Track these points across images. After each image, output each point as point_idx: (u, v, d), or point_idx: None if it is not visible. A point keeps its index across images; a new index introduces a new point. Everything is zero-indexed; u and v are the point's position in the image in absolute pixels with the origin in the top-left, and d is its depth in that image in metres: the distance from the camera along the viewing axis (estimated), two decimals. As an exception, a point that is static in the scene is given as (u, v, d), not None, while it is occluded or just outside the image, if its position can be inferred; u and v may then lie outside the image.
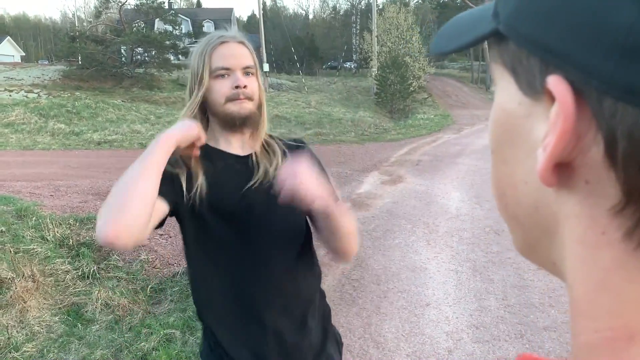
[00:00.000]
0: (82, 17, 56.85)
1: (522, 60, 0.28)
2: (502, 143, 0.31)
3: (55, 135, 14.72)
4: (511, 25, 0.28)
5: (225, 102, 1.31)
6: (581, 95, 0.24)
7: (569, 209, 0.27)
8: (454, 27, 0.35)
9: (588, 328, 0.27)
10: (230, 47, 1.34)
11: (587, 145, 0.24)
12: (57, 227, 4.53)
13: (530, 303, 3.72)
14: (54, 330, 3.30)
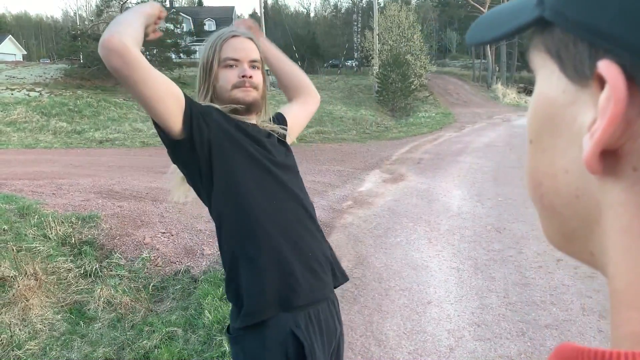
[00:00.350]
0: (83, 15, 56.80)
1: (569, 45, 0.27)
2: (542, 132, 0.31)
3: (57, 133, 14.75)
4: (558, 11, 0.27)
5: (232, 88, 1.45)
6: (633, 80, 0.24)
7: (614, 197, 0.26)
8: (493, 17, 0.35)
9: (633, 318, 0.27)
10: (241, 41, 1.48)
11: (637, 131, 0.24)
12: (59, 226, 4.54)
13: (531, 301, 3.72)
14: (56, 328, 3.31)
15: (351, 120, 19.86)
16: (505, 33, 0.32)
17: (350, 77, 34.93)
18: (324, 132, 16.34)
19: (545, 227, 0.34)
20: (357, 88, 29.81)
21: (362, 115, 21.51)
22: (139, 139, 14.04)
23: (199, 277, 4.02)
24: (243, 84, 1.45)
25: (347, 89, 29.33)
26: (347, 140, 14.92)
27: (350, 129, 17.66)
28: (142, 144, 13.51)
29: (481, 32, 0.34)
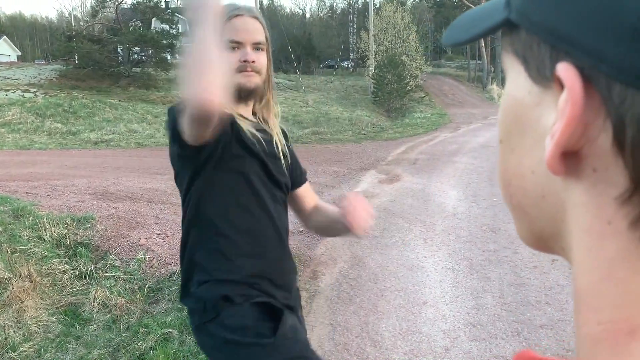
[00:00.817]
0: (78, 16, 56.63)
1: (533, 48, 0.28)
2: (511, 132, 0.31)
3: (52, 134, 14.70)
4: (523, 13, 0.28)
5: (234, 72, 1.37)
6: (590, 82, 0.24)
7: (576, 197, 0.27)
8: (467, 19, 0.35)
9: (591, 320, 0.27)
10: (244, 21, 1.37)
11: (595, 133, 0.24)
12: (54, 227, 4.52)
13: (527, 301, 3.73)
14: (51, 330, 3.30)
15: (347, 121, 19.88)
16: (477, 34, 0.32)
17: (346, 78, 34.96)
18: (319, 132, 16.34)
19: (517, 227, 0.35)
20: (353, 89, 29.84)
21: (358, 115, 21.53)
22: (134, 140, 14.00)
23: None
24: (245, 68, 1.37)
25: (343, 90, 29.35)
26: (343, 141, 14.92)
27: (346, 130, 17.67)
28: (138, 144, 13.48)
29: (457, 33, 0.35)
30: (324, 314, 3.60)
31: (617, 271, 0.25)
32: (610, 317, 0.26)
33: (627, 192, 0.24)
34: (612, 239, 0.25)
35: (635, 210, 0.24)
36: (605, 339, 0.26)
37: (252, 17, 1.39)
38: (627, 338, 0.25)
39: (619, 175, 0.24)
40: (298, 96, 25.37)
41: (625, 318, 0.25)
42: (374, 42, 29.53)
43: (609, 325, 0.26)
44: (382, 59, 26.48)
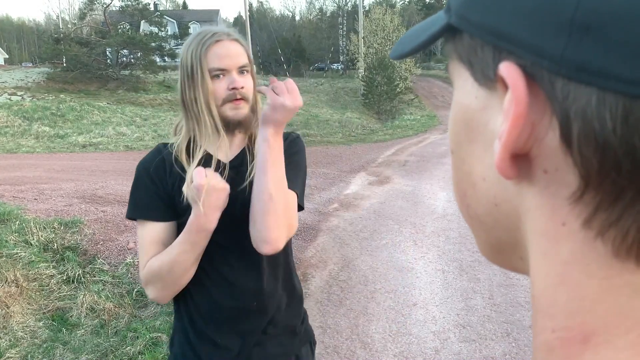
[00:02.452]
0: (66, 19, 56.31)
1: (477, 50, 0.27)
2: (460, 141, 0.31)
3: (39, 138, 14.58)
4: (462, 16, 0.27)
5: (222, 104, 1.30)
6: (534, 79, 0.23)
7: (530, 201, 0.26)
8: (412, 31, 0.35)
9: (546, 327, 0.26)
10: (225, 46, 1.31)
11: (542, 132, 0.24)
12: (41, 231, 4.48)
13: (516, 302, 3.75)
14: (38, 335, 3.26)
15: (337, 123, 19.91)
16: (420, 44, 0.32)
17: (336, 80, 35.04)
18: (309, 135, 16.36)
19: (477, 240, 0.34)
20: (343, 91, 29.91)
21: (348, 118, 21.58)
22: (122, 143, 13.92)
23: (184, 281, 3.99)
24: (234, 96, 1.30)
25: (333, 92, 29.40)
26: (333, 143, 14.94)
27: (336, 132, 17.70)
28: (126, 148, 13.40)
29: (402, 46, 0.34)
30: (313, 317, 3.59)
31: (571, 275, 0.25)
32: (564, 324, 0.25)
33: (579, 190, 0.23)
34: (566, 241, 0.25)
35: (587, 209, 0.23)
36: (559, 348, 0.26)
37: (231, 40, 1.33)
38: (581, 347, 0.25)
39: (570, 175, 0.23)
40: (288, 98, 25.35)
41: (578, 325, 0.25)
42: (363, 45, 29.62)
43: (562, 332, 0.25)
44: (372, 61, 26.61)
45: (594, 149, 0.22)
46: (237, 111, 1.31)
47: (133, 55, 26.77)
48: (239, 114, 1.32)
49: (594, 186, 0.23)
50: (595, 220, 0.23)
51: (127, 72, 26.37)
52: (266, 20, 51.98)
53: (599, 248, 0.24)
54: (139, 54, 26.46)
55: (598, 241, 0.23)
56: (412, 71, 30.26)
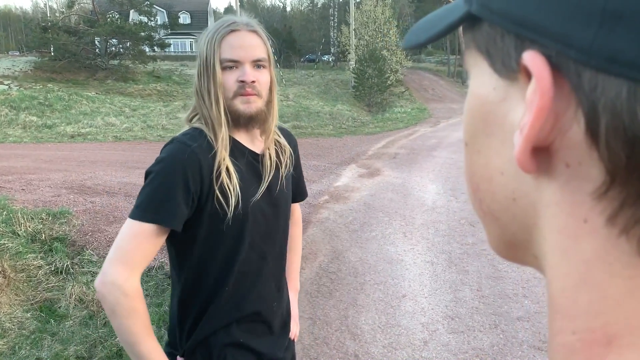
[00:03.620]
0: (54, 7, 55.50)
1: (497, 40, 0.26)
2: (476, 133, 0.30)
3: (26, 128, 14.43)
4: (484, 4, 0.26)
5: (233, 96, 1.26)
6: (559, 70, 0.23)
7: (549, 196, 0.25)
8: (427, 20, 0.34)
9: (566, 328, 0.25)
10: (241, 37, 1.25)
11: (566, 124, 0.23)
12: (28, 222, 4.44)
13: (504, 294, 3.78)
14: (25, 326, 3.24)
15: (328, 115, 19.88)
16: (438, 33, 0.31)
17: (327, 72, 34.94)
18: (300, 126, 16.32)
19: (488, 235, 0.33)
20: (334, 83, 29.84)
21: (338, 110, 21.55)
22: (111, 134, 13.81)
23: (173, 273, 3.98)
24: (243, 89, 1.24)
25: (324, 84, 29.33)
26: (323, 135, 14.93)
27: (327, 124, 17.67)
28: (115, 138, 13.30)
29: (417, 35, 0.33)
30: (303, 308, 3.60)
31: (593, 274, 0.24)
32: (586, 325, 0.24)
33: (604, 186, 0.22)
34: (588, 238, 0.24)
35: (612, 205, 0.22)
36: (580, 350, 0.25)
37: (250, 31, 1.26)
38: (604, 349, 0.24)
39: (594, 169, 0.22)
40: (278, 90, 24.91)
41: (601, 326, 0.24)
42: (354, 37, 29.54)
43: (584, 334, 0.24)
44: (363, 53, 26.56)
45: (623, 143, 0.21)
46: (248, 105, 1.26)
47: (122, 45, 26.51)
48: (250, 108, 1.26)
49: (621, 181, 0.22)
50: (620, 217, 0.22)
51: (116, 62, 26.12)
52: (257, 11, 51.69)
53: (623, 246, 0.23)
54: (128, 43, 26.20)
55: (622, 239, 0.23)
56: (403, 64, 30.26)
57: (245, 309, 1.35)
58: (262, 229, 1.34)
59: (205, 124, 1.28)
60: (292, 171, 1.49)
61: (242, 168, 1.30)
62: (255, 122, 1.31)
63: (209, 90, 1.25)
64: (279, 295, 1.45)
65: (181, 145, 1.23)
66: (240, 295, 1.34)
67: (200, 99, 1.27)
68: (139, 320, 1.17)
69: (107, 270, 1.16)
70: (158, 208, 1.18)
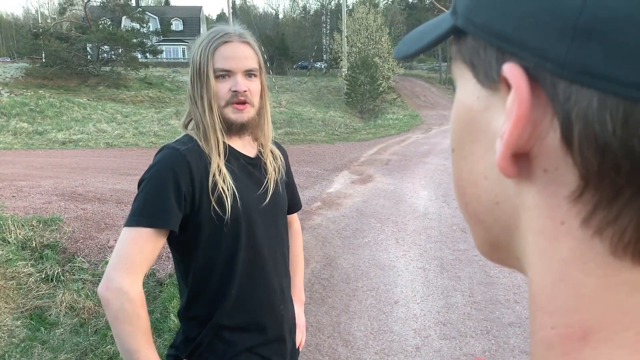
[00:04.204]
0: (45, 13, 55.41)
1: (480, 52, 0.28)
2: (462, 139, 0.31)
3: (17, 134, 14.33)
4: (468, 19, 0.28)
5: (226, 105, 1.31)
6: (536, 81, 0.24)
7: (529, 200, 0.27)
8: (416, 32, 0.35)
9: (545, 324, 0.27)
10: (233, 48, 1.30)
11: (543, 132, 0.24)
12: (19, 229, 4.41)
13: (496, 299, 3.80)
14: (15, 334, 3.21)
15: (320, 121, 19.90)
16: (427, 45, 0.32)
17: (319, 79, 35.03)
18: (293, 133, 16.33)
19: (474, 237, 0.34)
20: (326, 90, 29.91)
21: (331, 116, 21.59)
22: (103, 140, 13.74)
23: (165, 280, 3.96)
24: (236, 98, 1.30)
25: (316, 91, 29.39)
26: (316, 142, 14.94)
27: (319, 131, 17.69)
28: (107, 145, 13.24)
29: (407, 46, 0.35)
30: (296, 315, 3.59)
31: (569, 273, 0.25)
32: (564, 320, 0.26)
33: (578, 190, 0.24)
34: (565, 239, 0.25)
35: (586, 208, 0.24)
36: (558, 344, 0.26)
37: (242, 42, 1.32)
38: (580, 343, 0.25)
39: (569, 174, 0.24)
40: (271, 97, 24.99)
41: (577, 322, 0.25)
42: (346, 44, 29.65)
43: (562, 329, 0.26)
44: (355, 61, 26.66)
45: (594, 150, 0.22)
46: (240, 114, 1.32)
47: (114, 52, 26.46)
48: (242, 117, 1.32)
49: (594, 185, 0.23)
50: (594, 218, 0.24)
51: (108, 69, 26.06)
52: (249, 18, 51.76)
53: (597, 246, 0.24)
54: (120, 50, 26.15)
55: (596, 239, 0.24)
56: (395, 71, 30.40)
57: (250, 313, 1.37)
58: (262, 231, 1.37)
59: (198, 129, 1.33)
60: (285, 178, 1.52)
61: (235, 171, 1.34)
62: (247, 129, 1.37)
63: (202, 97, 1.30)
64: (283, 299, 1.46)
65: (170, 150, 1.28)
66: (246, 298, 1.36)
67: (194, 105, 1.32)
68: (141, 327, 1.20)
69: (112, 277, 1.18)
70: (153, 212, 1.21)
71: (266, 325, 1.40)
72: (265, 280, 1.39)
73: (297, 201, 1.69)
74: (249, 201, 1.34)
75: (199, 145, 1.30)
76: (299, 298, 1.68)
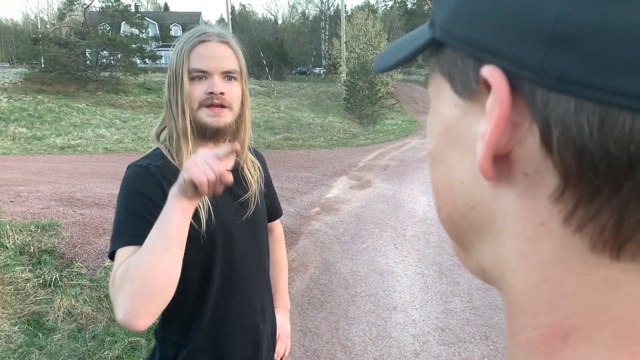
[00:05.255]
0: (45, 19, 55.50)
1: (458, 62, 0.28)
2: (439, 144, 0.32)
3: (16, 139, 14.32)
4: (447, 30, 0.29)
5: (199, 107, 1.21)
6: (515, 87, 0.25)
7: (508, 204, 0.27)
8: (394, 45, 0.36)
9: (528, 325, 0.27)
10: (211, 48, 1.22)
11: (523, 135, 0.25)
12: (17, 234, 4.40)
13: (494, 305, 3.79)
14: (13, 340, 3.20)
15: (319, 127, 19.93)
16: (404, 57, 0.33)
17: (318, 84, 35.09)
18: (291, 138, 16.34)
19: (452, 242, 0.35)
20: (325, 95, 29.97)
21: (329, 122, 21.62)
22: (102, 145, 13.74)
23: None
24: (211, 100, 1.20)
25: (315, 96, 29.44)
26: (314, 147, 14.95)
27: (318, 136, 17.71)
28: (105, 150, 13.23)
29: (385, 60, 0.35)
30: (294, 320, 3.59)
31: (551, 273, 0.26)
32: (546, 320, 0.26)
33: (559, 189, 0.24)
34: (546, 240, 0.26)
35: (567, 207, 0.24)
36: (540, 345, 0.26)
37: (221, 42, 1.23)
38: (561, 343, 0.26)
39: (549, 175, 0.25)
40: (270, 102, 25.33)
41: (559, 321, 0.26)
42: (345, 49, 29.73)
43: (544, 330, 0.26)
44: (354, 66, 26.73)
45: (573, 153, 0.23)
46: (216, 118, 1.21)
47: (113, 57, 26.48)
48: (217, 122, 1.22)
49: (573, 184, 0.24)
50: (575, 216, 0.24)
51: (107, 74, 26.07)
52: (248, 24, 51.85)
53: (577, 244, 0.25)
54: (119, 55, 26.17)
55: (576, 237, 0.25)
56: (394, 76, 30.49)
57: (227, 334, 1.30)
58: (240, 248, 1.30)
59: (170, 139, 1.24)
60: (264, 188, 1.44)
61: None
62: (222, 136, 1.26)
63: (177, 102, 1.21)
64: (264, 318, 1.39)
65: (136, 168, 1.21)
66: (223, 319, 1.29)
67: (169, 111, 1.24)
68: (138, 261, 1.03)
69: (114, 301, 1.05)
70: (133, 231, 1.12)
71: (244, 346, 1.34)
72: (244, 300, 1.32)
73: (277, 208, 1.60)
74: (226, 217, 1.26)
75: (167, 159, 1.22)
76: (284, 304, 1.62)
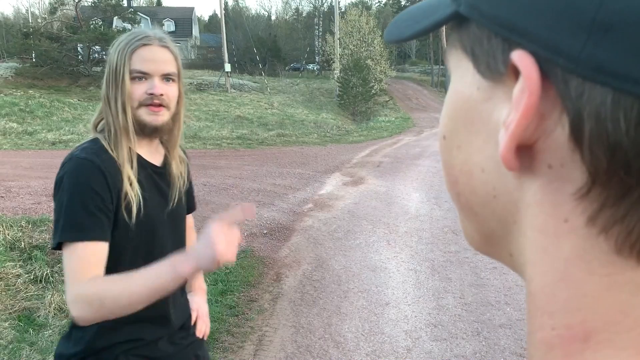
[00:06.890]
0: (36, 13, 55.00)
1: (483, 42, 0.27)
2: (457, 128, 0.30)
3: (6, 134, 14.19)
4: (473, 6, 0.26)
5: (138, 106, 1.29)
6: (546, 75, 0.23)
7: (530, 196, 0.26)
8: (410, 14, 0.33)
9: (545, 325, 0.26)
10: (152, 51, 1.29)
11: (550, 127, 0.24)
12: (7, 230, 4.37)
13: (486, 301, 3.81)
14: (3, 336, 3.18)
15: (312, 123, 19.90)
16: (423, 29, 0.30)
17: (312, 81, 35.01)
18: (285, 135, 16.31)
19: (464, 228, 0.33)
20: (319, 91, 29.92)
21: (323, 118, 21.59)
22: (94, 141, 13.65)
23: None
24: (151, 101, 1.28)
25: (309, 93, 29.39)
26: (308, 144, 14.93)
27: (312, 132, 17.69)
28: (98, 145, 13.16)
29: (399, 30, 0.33)
30: (287, 316, 3.59)
31: (572, 272, 0.24)
32: (565, 321, 0.25)
33: (585, 187, 0.23)
34: (568, 237, 0.24)
35: (593, 206, 0.23)
36: (559, 346, 0.25)
37: (161, 46, 1.31)
38: (581, 345, 0.24)
39: (576, 171, 0.23)
40: (263, 98, 25.26)
41: (579, 322, 0.24)
42: (339, 46, 29.70)
43: (563, 330, 0.25)
44: (347, 63, 26.70)
45: (605, 149, 0.22)
46: (155, 117, 1.30)
47: (105, 52, 26.26)
48: (156, 120, 1.30)
49: (602, 183, 0.22)
50: (600, 217, 0.23)
51: (99, 69, 25.82)
52: (242, 19, 51.68)
53: (601, 245, 0.23)
54: (111, 50, 26.01)
55: (601, 238, 0.23)
56: (387, 73, 30.48)
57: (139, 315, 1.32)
58: (160, 236, 1.37)
59: (109, 132, 1.31)
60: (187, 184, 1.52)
61: (142, 181, 1.33)
62: (159, 133, 1.36)
63: (115, 99, 1.28)
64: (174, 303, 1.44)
65: (82, 160, 1.27)
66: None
67: (107, 106, 1.31)
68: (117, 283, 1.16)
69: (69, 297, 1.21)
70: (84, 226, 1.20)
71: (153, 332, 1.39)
72: None
73: (193, 203, 1.67)
74: (152, 212, 1.33)
75: (109, 153, 1.28)
76: (201, 287, 1.67)
